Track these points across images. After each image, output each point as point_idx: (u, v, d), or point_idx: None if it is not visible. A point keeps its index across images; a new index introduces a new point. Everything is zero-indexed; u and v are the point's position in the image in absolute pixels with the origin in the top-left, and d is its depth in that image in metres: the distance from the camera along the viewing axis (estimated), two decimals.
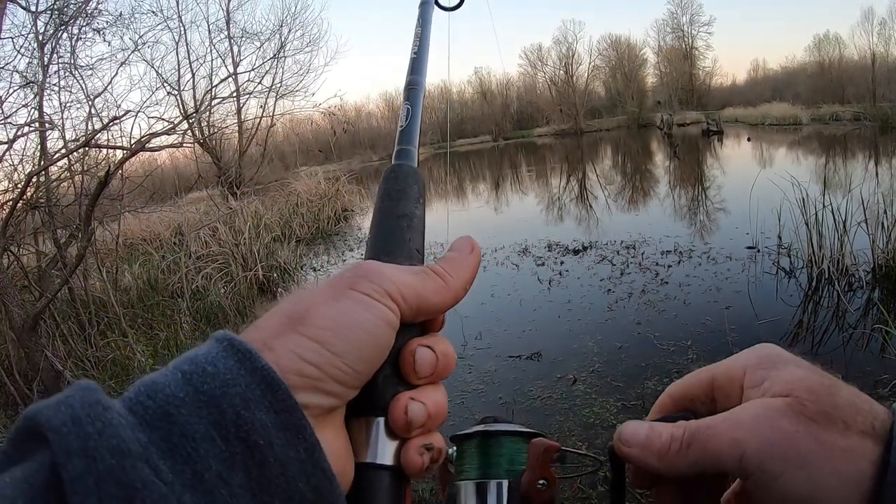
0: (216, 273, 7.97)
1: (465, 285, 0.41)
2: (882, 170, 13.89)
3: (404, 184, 0.48)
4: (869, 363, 4.23)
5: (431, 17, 0.67)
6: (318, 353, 0.33)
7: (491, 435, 0.48)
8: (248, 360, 0.31)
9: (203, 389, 0.29)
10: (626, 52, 57.99)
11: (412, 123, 0.54)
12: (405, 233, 0.45)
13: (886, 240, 5.88)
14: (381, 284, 0.36)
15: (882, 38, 37.67)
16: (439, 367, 0.38)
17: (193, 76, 14.86)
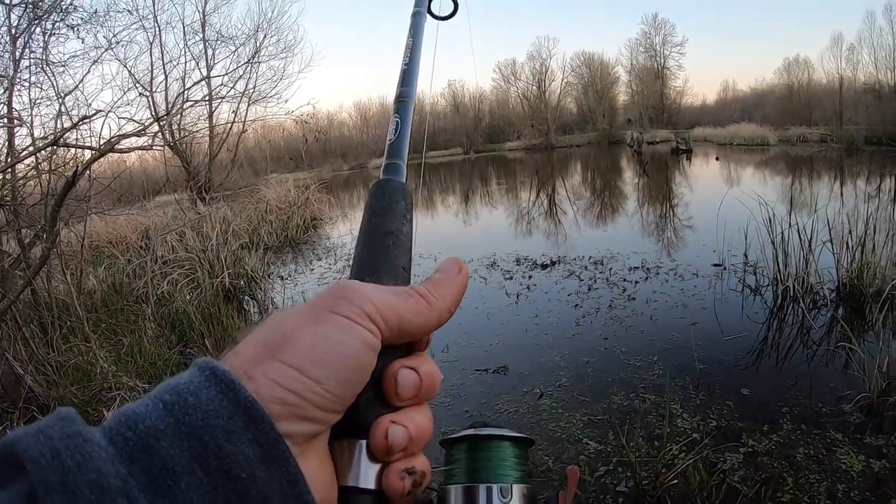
0: (182, 279, 7.86)
1: (449, 307, 0.41)
2: (847, 191, 14.31)
3: (391, 200, 0.48)
4: (833, 379, 4.33)
5: (423, 27, 0.66)
6: (297, 381, 0.32)
7: (480, 439, 0.48)
8: (231, 391, 0.31)
9: (185, 421, 0.29)
10: (599, 70, 58.84)
11: (401, 137, 0.54)
12: (391, 250, 0.45)
13: (851, 259, 6.06)
14: (360, 306, 0.36)
15: (850, 63, 38.83)
16: (423, 389, 0.38)
17: (166, 78, 14.72)
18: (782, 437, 3.57)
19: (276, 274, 9.76)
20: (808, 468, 3.22)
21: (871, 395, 3.85)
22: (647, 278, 7.31)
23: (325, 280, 8.74)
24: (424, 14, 0.68)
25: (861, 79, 36.20)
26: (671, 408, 3.86)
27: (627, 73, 60.48)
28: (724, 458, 3.37)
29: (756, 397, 4.14)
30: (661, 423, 3.77)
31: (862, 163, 21.73)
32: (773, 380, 4.43)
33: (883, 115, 29.75)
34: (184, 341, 5.57)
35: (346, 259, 10.34)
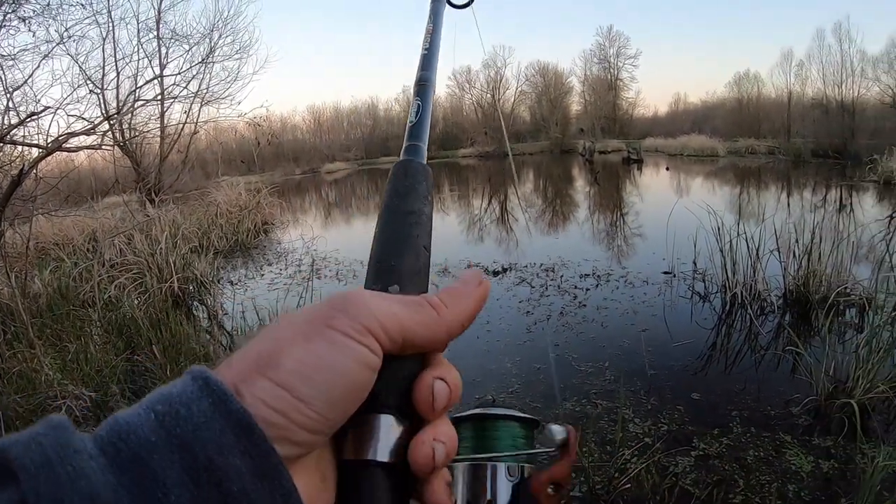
0: (130, 283, 7.63)
1: (462, 320, 0.39)
2: (793, 201, 14.81)
3: (413, 180, 0.48)
4: (780, 383, 4.46)
5: (443, 14, 0.67)
6: (284, 401, 0.31)
7: (487, 418, 0.48)
8: (223, 403, 0.30)
9: (176, 433, 0.29)
10: (553, 80, 59.80)
11: (422, 119, 0.54)
12: (413, 229, 0.45)
13: (798, 267, 6.25)
14: (360, 320, 0.34)
15: (799, 79, 40.23)
16: (451, 400, 0.37)
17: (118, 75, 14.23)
18: (733, 439, 3.64)
19: (226, 279, 9.57)
20: (758, 469, 3.29)
21: (818, 398, 3.97)
22: (597, 285, 7.41)
23: (276, 286, 8.59)
24: (444, 1, 0.69)
25: (809, 94, 37.52)
26: (623, 413, 3.90)
27: (581, 83, 61.81)
28: (676, 461, 3.42)
29: (706, 401, 4.22)
30: (613, 428, 3.81)
31: (808, 174, 22.55)
32: (722, 384, 4.52)
33: (829, 130, 30.98)
34: (131, 348, 5.39)
35: (297, 264, 10.24)
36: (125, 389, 4.56)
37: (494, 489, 0.45)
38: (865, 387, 3.83)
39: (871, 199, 14.95)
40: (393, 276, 0.41)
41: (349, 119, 60.60)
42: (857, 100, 31.86)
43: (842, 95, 32.74)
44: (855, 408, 3.61)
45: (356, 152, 56.64)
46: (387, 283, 0.41)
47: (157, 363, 4.67)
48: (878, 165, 17.77)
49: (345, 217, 19.05)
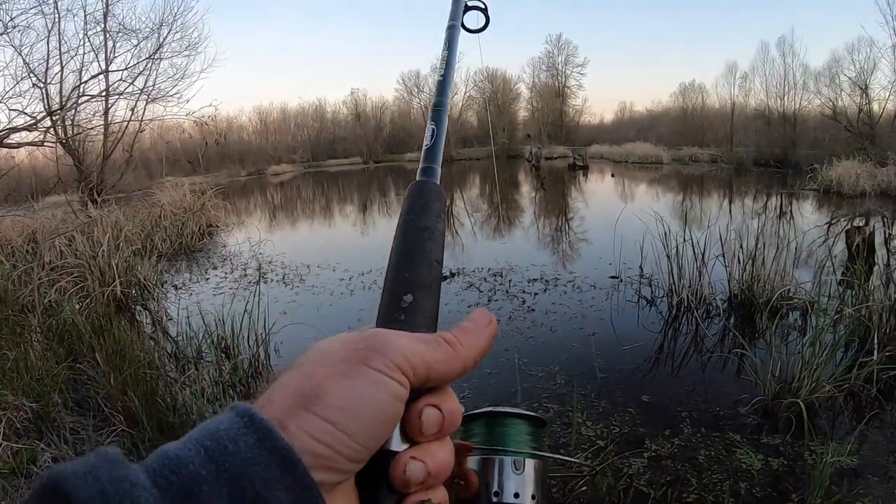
0: (71, 287, 7.38)
1: (475, 357, 0.43)
2: (736, 208, 15.27)
3: (428, 199, 0.52)
4: (727, 384, 4.58)
5: (458, 40, 0.71)
6: (330, 434, 0.34)
7: (497, 415, 0.52)
8: (268, 440, 0.32)
9: (225, 467, 0.31)
10: (502, 86, 60.28)
11: (437, 143, 0.58)
12: (427, 244, 0.49)
13: (742, 272, 6.45)
14: (392, 358, 0.37)
15: (743, 90, 41.57)
16: (445, 425, 0.40)
17: (62, 69, 13.73)
18: (684, 440, 3.72)
19: (170, 283, 9.33)
20: (710, 469, 3.37)
21: (765, 398, 4.10)
22: (545, 290, 7.49)
23: (221, 290, 8.42)
24: (459, 27, 0.73)
25: (752, 105, 38.74)
26: (575, 416, 3.94)
27: (529, 89, 62.59)
28: (630, 462, 3.47)
29: (656, 403, 4.30)
30: (566, 431, 3.85)
31: (750, 182, 23.31)
32: (671, 386, 4.63)
33: (771, 140, 32.11)
34: (73, 355, 5.18)
35: (242, 268, 10.08)
36: (67, 399, 4.40)
37: (501, 481, 0.48)
38: (811, 387, 3.97)
39: (811, 207, 15.59)
40: (408, 286, 0.46)
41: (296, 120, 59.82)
42: (799, 111, 33.07)
43: (784, 107, 33.95)
44: (802, 407, 3.73)
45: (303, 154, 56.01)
46: (402, 292, 0.45)
47: (100, 371, 4.51)
48: (818, 174, 18.53)
49: (290, 220, 18.82)
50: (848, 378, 4.09)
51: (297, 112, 60.26)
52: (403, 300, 0.45)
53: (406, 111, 62.43)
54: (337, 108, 62.28)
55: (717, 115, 43.68)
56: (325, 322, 6.37)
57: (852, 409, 4.10)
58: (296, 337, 5.80)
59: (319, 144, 58.32)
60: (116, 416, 4.02)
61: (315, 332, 5.68)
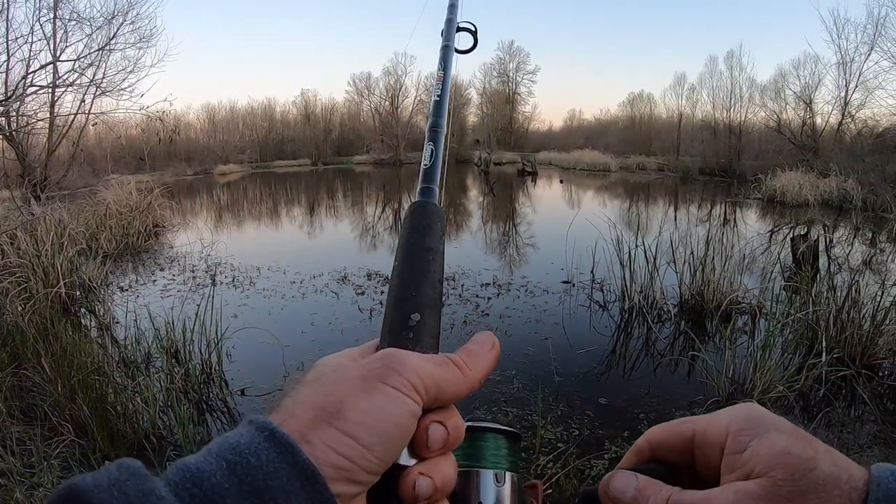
0: (13, 288, 7.08)
1: (481, 378, 0.44)
2: (683, 215, 15.69)
3: (430, 220, 0.53)
4: (680, 386, 4.72)
5: (452, 61, 0.72)
6: (351, 448, 0.35)
7: (479, 430, 0.52)
8: (290, 454, 0.34)
9: (247, 481, 0.32)
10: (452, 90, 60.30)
11: (435, 163, 0.59)
12: (430, 265, 0.50)
13: (692, 277, 6.62)
14: (408, 378, 0.39)
15: (690, 102, 43.02)
16: (449, 442, 0.41)
17: (9, 58, 13.18)
18: None
19: (115, 284, 9.07)
20: None
21: (720, 399, 4.23)
22: (499, 294, 7.56)
23: (169, 292, 8.22)
24: (453, 48, 0.74)
25: (699, 116, 40.06)
26: (535, 420, 3.98)
27: (479, 95, 63.01)
28: (591, 465, 3.54)
29: (613, 406, 4.38)
30: (527, 435, 3.88)
31: (696, 191, 24.06)
32: (626, 389, 4.73)
33: (717, 150, 33.31)
34: (17, 360, 4.98)
35: (191, 270, 9.88)
36: (12, 408, 4.21)
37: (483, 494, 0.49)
38: (764, 387, 4.10)
39: (755, 215, 16.13)
40: (414, 305, 0.46)
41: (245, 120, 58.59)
42: (744, 123, 34.21)
43: (730, 119, 35.22)
44: None
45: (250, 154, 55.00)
46: (409, 311, 0.46)
47: (46, 377, 4.35)
48: (762, 184, 19.27)
49: (238, 221, 18.50)
50: (798, 379, 4.25)
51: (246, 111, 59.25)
52: (411, 319, 0.45)
53: (356, 113, 62.16)
54: (286, 109, 61.62)
55: (664, 125, 44.90)
56: (278, 326, 6.26)
57: (802, 409, 4.28)
58: (248, 341, 5.71)
59: (268, 145, 57.40)
60: (65, 426, 3.90)
61: (268, 336, 5.60)
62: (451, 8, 0.79)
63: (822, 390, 4.35)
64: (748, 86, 35.18)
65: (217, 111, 58.59)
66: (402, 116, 58.11)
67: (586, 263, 7.90)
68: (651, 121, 48.64)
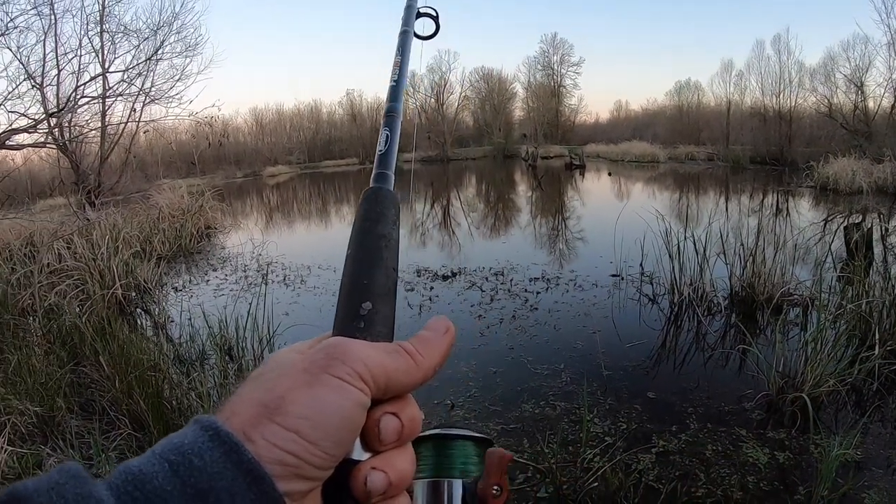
0: (71, 290, 7.37)
1: (435, 366, 0.43)
2: (734, 206, 15.32)
3: (383, 206, 0.51)
4: (731, 380, 4.65)
5: (410, 46, 0.70)
6: (295, 443, 0.34)
7: (445, 438, 0.52)
8: (234, 453, 0.32)
9: (190, 482, 0.31)
10: (497, 85, 60.18)
11: (391, 148, 0.58)
12: (383, 252, 0.48)
13: (743, 269, 6.49)
14: (353, 367, 0.37)
15: (738, 88, 41.55)
16: (404, 434, 0.40)
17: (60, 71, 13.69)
18: (690, 435, 3.77)
19: (170, 285, 9.34)
20: (717, 463, 3.42)
21: (770, 394, 4.15)
22: (547, 289, 7.53)
23: (222, 292, 8.44)
24: (412, 33, 0.72)
25: (748, 103, 38.72)
26: (583, 414, 3.97)
27: (525, 89, 62.49)
28: (639, 458, 3.52)
29: (662, 400, 4.34)
30: (574, 429, 3.89)
31: (746, 180, 23.44)
32: (675, 383, 4.67)
33: (767, 137, 32.18)
34: (76, 359, 5.18)
35: (242, 269, 10.10)
36: (72, 403, 4.39)
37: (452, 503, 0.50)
38: (815, 381, 4.01)
39: (808, 204, 15.65)
40: (366, 293, 0.45)
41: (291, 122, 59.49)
42: (794, 109, 33.08)
43: (779, 105, 33.96)
44: (807, 401, 3.78)
45: (298, 156, 55.79)
46: (360, 300, 0.44)
47: (104, 374, 4.51)
48: (814, 172, 18.61)
49: (288, 221, 18.81)
50: (850, 372, 4.14)
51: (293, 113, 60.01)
52: (362, 308, 0.44)
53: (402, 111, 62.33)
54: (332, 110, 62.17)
55: (712, 114, 43.63)
56: (328, 322, 6.11)
57: (855, 403, 4.17)
58: (299, 338, 5.72)
59: (315, 145, 58.00)
60: (122, 420, 4.02)
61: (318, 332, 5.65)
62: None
63: (876, 384, 4.23)
64: (797, 70, 33.86)
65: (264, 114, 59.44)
66: (448, 113, 58.06)
67: (635, 256, 7.81)
68: (699, 109, 47.30)
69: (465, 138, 59.74)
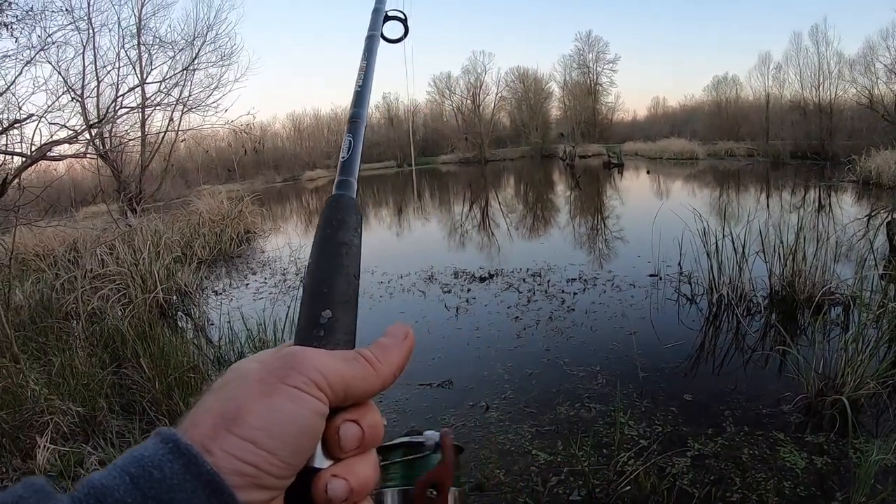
0: (114, 294, 7.57)
1: (394, 372, 0.43)
2: (774, 202, 15.01)
3: (344, 213, 0.52)
4: (770, 382, 4.53)
5: (377, 50, 0.70)
6: (253, 453, 0.34)
7: (414, 445, 0.52)
8: (194, 465, 0.33)
9: (151, 494, 0.31)
10: (533, 85, 60.01)
11: (353, 155, 0.58)
12: (344, 259, 0.48)
13: (783, 267, 6.36)
14: (309, 375, 0.38)
15: (777, 82, 40.67)
16: (366, 441, 0.40)
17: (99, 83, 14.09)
18: (727, 439, 3.70)
19: (210, 289, 9.51)
20: (754, 468, 3.35)
21: (809, 396, 4.04)
22: (584, 289, 7.47)
23: (261, 295, 8.57)
24: (378, 38, 0.72)
25: (787, 96, 37.94)
26: (618, 416, 3.94)
27: (561, 88, 62.24)
28: (673, 462, 3.47)
29: (698, 402, 4.28)
30: (608, 431, 3.85)
31: (787, 176, 22.92)
32: (712, 384, 4.59)
33: (807, 131, 31.45)
34: (117, 361, 5.31)
35: (281, 273, 10.22)
36: (113, 404, 4.50)
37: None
38: (855, 383, 3.90)
39: (850, 199, 15.23)
40: (326, 301, 0.45)
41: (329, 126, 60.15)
42: (835, 101, 32.30)
43: (819, 97, 33.16)
44: (846, 404, 3.69)
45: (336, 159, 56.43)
46: (320, 308, 0.45)
47: (144, 376, 4.62)
48: (856, 165, 18.10)
49: None
50: (892, 374, 4.02)
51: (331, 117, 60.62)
52: (322, 316, 0.44)
53: (438, 113, 62.50)
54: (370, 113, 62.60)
55: (751, 108, 42.82)
56: (365, 325, 6.18)
57: None
58: None
59: None
60: (162, 420, 4.10)
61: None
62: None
63: None
64: (836, 61, 33.03)
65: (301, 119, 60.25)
66: (485, 114, 57.99)
67: (673, 255, 7.71)
68: (738, 104, 46.41)
69: (503, 139, 59.59)
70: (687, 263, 7.39)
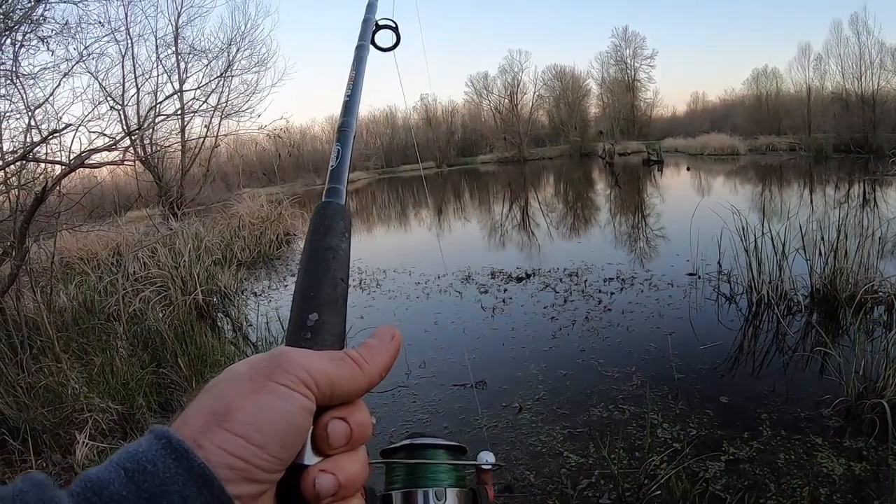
0: (154, 296, 7.75)
1: (380, 372, 0.44)
2: (817, 198, 14.61)
3: (332, 220, 0.53)
4: (810, 384, 4.39)
5: (367, 59, 0.71)
6: (243, 448, 0.35)
7: (416, 448, 0.53)
8: (185, 459, 0.34)
9: (144, 487, 0.32)
10: (570, 83, 59.72)
11: (342, 164, 0.58)
12: (331, 263, 0.50)
13: (824, 265, 6.17)
14: (296, 374, 0.39)
15: (818, 73, 39.68)
16: (354, 438, 0.41)
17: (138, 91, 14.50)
18: (762, 443, 3.60)
19: (249, 290, 9.66)
20: (789, 473, 3.25)
21: (849, 399, 3.90)
22: (622, 289, 7.37)
23: None
24: (368, 47, 0.73)
25: (828, 88, 36.98)
26: (651, 418, 3.87)
27: (598, 85, 61.75)
28: (706, 466, 3.39)
29: (735, 405, 4.17)
30: (641, 433, 3.79)
31: (830, 170, 22.29)
32: (750, 386, 4.47)
33: (850, 124, 30.57)
34: (157, 361, 5.44)
35: None
36: (151, 402, 4.62)
37: None
38: None
39: (895, 193, 14.73)
40: (313, 305, 0.46)
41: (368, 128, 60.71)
42: (878, 92, 31.34)
43: (861, 88, 32.26)
44: (886, 408, 3.56)
45: (376, 161, 56.92)
46: (308, 311, 0.46)
47: (182, 376, 4.72)
48: None
49: (366, 226, 19.09)
50: None
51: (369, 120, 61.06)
52: (309, 319, 0.45)
53: (476, 113, 62.50)
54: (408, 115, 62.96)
55: (792, 101, 41.79)
56: (402, 325, 6.42)
57: None
58: None
59: (392, 150, 58.98)
60: None
61: None
62: (370, 7, 0.78)
63: None
64: (878, 51, 32.12)
65: None
66: (523, 113, 57.75)
67: (712, 254, 7.54)
68: (778, 97, 45.39)
69: (541, 138, 59.34)
70: (726, 262, 7.21)
